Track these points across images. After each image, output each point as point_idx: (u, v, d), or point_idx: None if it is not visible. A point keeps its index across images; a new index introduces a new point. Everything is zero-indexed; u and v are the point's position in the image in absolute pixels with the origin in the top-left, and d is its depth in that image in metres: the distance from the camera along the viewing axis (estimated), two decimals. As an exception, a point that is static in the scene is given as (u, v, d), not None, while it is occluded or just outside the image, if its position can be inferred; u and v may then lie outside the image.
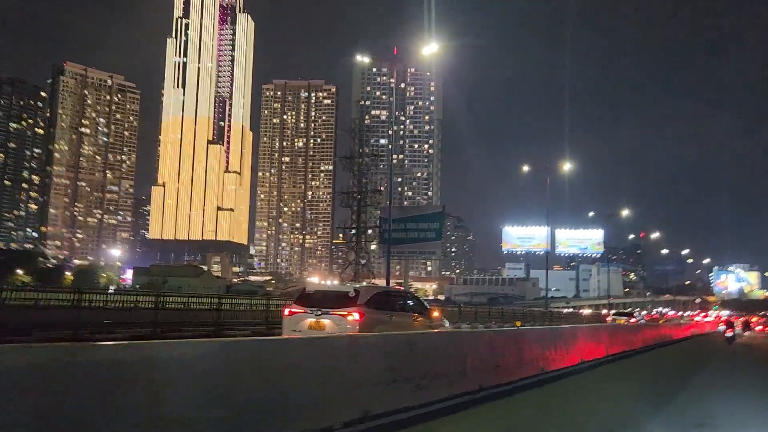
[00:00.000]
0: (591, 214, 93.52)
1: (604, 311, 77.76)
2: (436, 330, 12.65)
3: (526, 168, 51.41)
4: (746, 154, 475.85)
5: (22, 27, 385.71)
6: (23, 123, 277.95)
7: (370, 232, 72.51)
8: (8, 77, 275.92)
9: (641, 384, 12.65)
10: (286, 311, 11.44)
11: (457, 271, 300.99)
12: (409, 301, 13.43)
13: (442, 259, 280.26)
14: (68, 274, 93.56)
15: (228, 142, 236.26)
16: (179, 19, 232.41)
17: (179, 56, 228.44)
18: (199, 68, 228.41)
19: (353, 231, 67.50)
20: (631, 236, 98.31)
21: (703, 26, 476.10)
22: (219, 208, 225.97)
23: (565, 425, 7.77)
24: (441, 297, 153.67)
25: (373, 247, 77.49)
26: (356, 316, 10.61)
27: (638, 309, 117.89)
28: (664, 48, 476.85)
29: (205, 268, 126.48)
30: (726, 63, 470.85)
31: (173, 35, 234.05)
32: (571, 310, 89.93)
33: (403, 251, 71.27)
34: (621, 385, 12.42)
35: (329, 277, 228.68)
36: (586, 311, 79.75)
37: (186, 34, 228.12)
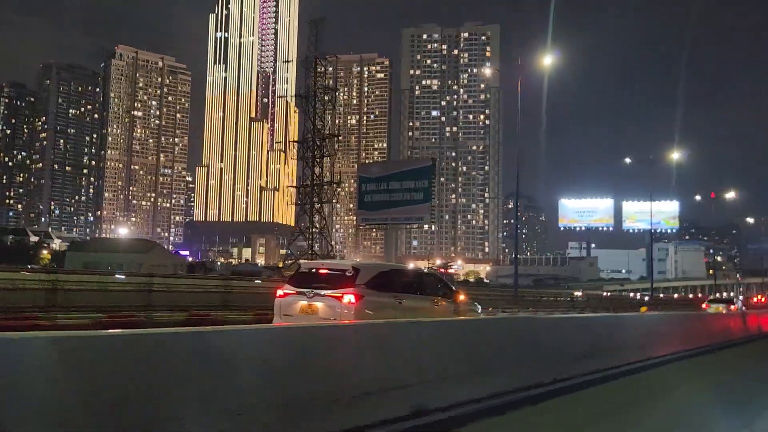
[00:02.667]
0: (627, 160, 73.34)
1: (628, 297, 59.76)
2: (478, 317, 11.75)
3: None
4: None
5: (73, 14, 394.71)
6: (82, 109, 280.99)
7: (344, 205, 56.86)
8: (67, 63, 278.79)
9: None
10: (279, 292, 10.21)
11: (528, 253, 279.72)
12: (427, 282, 11.58)
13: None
14: (45, 253, 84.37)
15: (272, 119, 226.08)
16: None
17: (221, 31, 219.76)
18: (240, 43, 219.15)
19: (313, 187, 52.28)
20: (698, 197, 76.99)
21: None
22: (263, 188, 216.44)
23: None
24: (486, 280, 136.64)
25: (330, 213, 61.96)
26: (351, 298, 9.48)
27: (694, 293, 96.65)
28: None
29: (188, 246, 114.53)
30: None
31: (215, 10, 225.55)
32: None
33: (385, 218, 55.42)
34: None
35: (382, 260, 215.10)
36: (578, 293, 63.15)
37: (227, 8, 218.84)
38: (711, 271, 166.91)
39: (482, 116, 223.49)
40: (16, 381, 3.34)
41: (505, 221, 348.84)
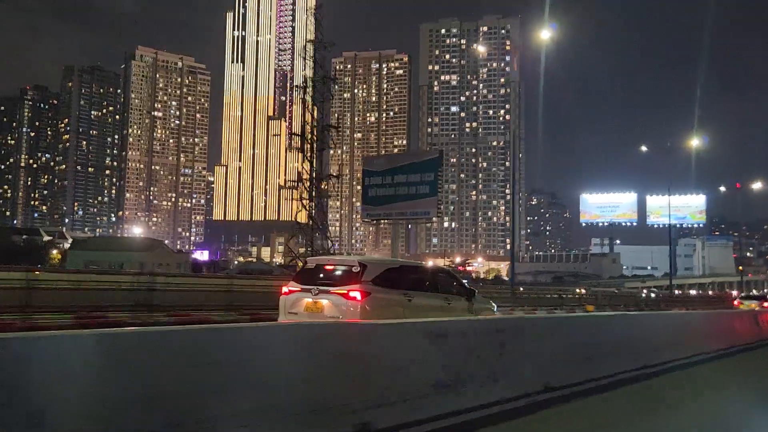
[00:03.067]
0: (643, 148, 70.21)
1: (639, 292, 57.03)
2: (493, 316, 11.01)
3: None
4: None
5: (93, 16, 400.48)
6: (104, 110, 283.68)
7: (338, 191, 54.62)
8: (89, 65, 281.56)
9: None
10: (285, 289, 9.94)
11: (552, 251, 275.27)
12: (439, 279, 11.08)
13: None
14: (55, 252, 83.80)
15: (290, 118, 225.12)
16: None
17: (238, 30, 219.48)
18: (257, 41, 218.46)
19: (313, 182, 50.26)
20: (722, 188, 73.14)
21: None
22: (281, 187, 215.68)
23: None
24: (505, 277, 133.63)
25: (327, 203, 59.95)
26: (357, 295, 9.15)
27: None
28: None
29: (166, 241, 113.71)
30: None
31: (233, 8, 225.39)
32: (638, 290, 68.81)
33: (389, 213, 53.35)
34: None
35: (400, 258, 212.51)
36: (581, 290, 60.12)
37: (244, 7, 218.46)
38: (741, 267, 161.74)
39: (502, 111, 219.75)
40: (61, 376, 3.43)
41: (528, 218, 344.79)
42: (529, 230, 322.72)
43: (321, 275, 9.79)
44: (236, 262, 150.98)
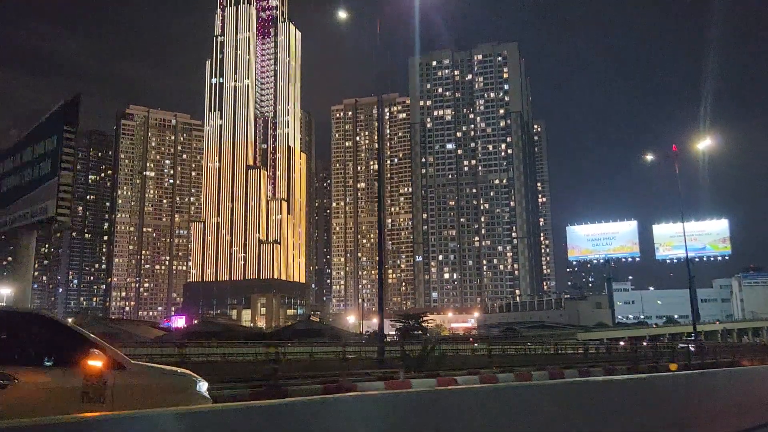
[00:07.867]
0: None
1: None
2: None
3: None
4: None
5: (85, 80, 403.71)
6: (102, 174, 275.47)
7: None
8: (85, 129, 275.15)
9: None
10: None
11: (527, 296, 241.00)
12: None
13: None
14: None
15: (273, 167, 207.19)
16: (216, 38, 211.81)
17: (216, 77, 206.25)
18: (235, 87, 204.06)
19: None
20: (650, 156, 46.94)
21: None
22: (261, 242, 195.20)
23: None
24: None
25: None
26: None
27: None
28: None
29: (160, 308, 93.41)
30: None
31: (212, 56, 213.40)
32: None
33: (11, 219, 30.47)
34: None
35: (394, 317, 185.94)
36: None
37: (222, 52, 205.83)
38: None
39: (503, 145, 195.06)
40: None
41: (568, 270, 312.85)
42: (570, 283, 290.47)
43: None
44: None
